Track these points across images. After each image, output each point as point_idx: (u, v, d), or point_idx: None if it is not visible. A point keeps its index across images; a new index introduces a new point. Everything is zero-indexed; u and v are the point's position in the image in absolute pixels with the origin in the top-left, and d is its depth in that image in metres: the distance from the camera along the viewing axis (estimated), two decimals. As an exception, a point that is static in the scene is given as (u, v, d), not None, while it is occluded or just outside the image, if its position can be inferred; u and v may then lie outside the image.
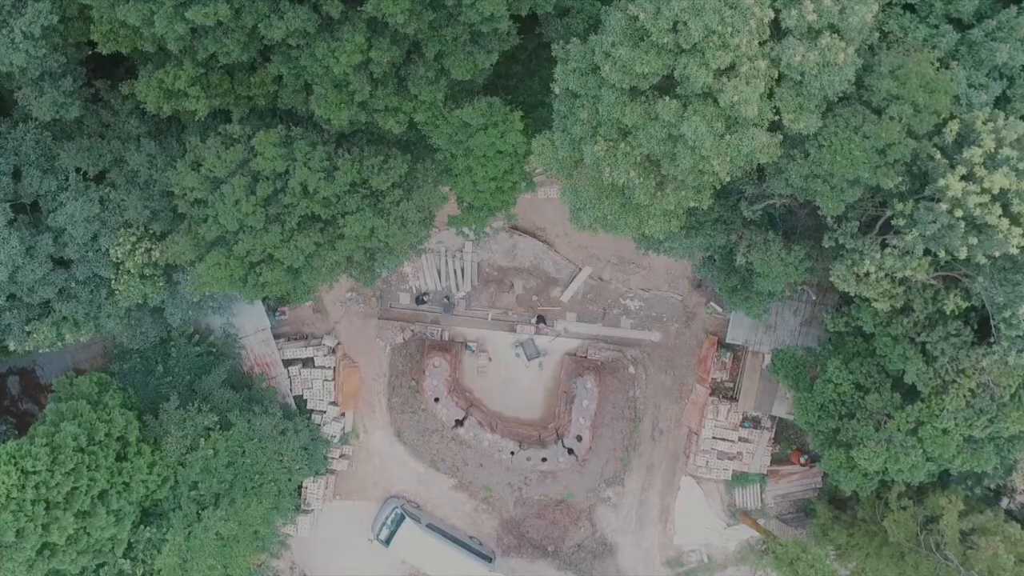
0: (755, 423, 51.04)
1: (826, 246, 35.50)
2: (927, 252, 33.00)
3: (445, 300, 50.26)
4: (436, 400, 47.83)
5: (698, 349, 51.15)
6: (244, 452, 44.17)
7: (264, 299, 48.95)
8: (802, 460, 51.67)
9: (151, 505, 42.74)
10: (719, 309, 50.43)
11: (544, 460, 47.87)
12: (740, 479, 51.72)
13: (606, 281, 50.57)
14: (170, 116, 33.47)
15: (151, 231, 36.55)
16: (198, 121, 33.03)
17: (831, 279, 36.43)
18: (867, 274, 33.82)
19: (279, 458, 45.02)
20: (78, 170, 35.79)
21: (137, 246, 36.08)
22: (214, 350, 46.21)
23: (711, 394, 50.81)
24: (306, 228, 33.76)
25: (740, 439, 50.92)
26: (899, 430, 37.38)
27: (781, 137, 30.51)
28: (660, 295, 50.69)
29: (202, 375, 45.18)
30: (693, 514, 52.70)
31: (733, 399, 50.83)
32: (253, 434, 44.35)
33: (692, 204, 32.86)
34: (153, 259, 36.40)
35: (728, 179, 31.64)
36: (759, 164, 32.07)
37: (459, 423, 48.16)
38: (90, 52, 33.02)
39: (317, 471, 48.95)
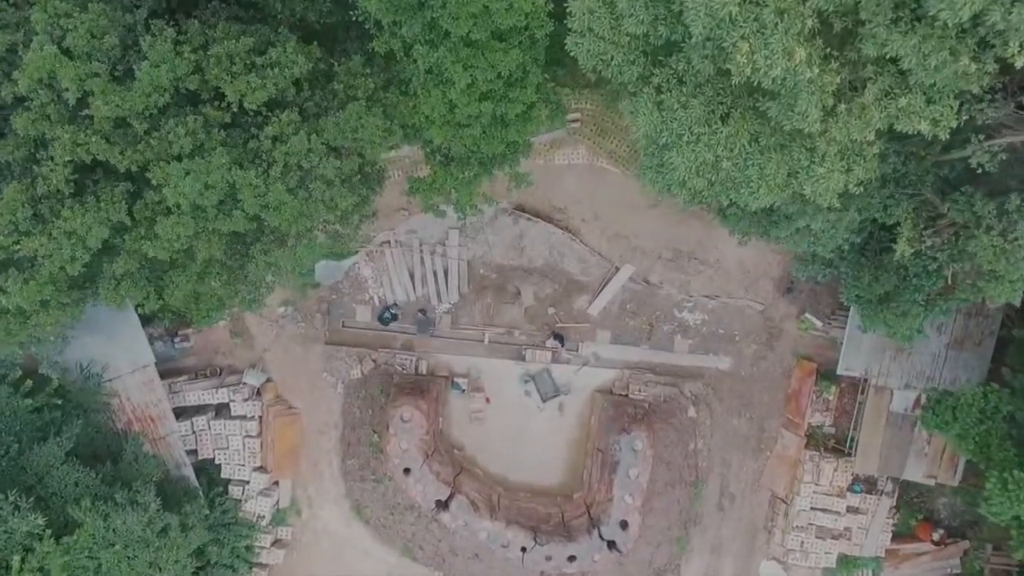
0: (869, 486, 32.00)
1: None
2: None
3: (421, 315, 31.17)
4: (406, 472, 28.48)
5: (786, 380, 32.03)
6: (98, 569, 24.97)
7: (152, 318, 29.79)
8: (935, 536, 32.62)
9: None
10: (818, 323, 31.27)
11: (572, 559, 28.46)
12: (847, 563, 32.58)
13: (655, 285, 31.42)
14: None
15: None
16: None
17: None
18: None
19: (156, 574, 25.78)
20: None
21: None
22: (60, 402, 26.87)
23: (806, 446, 31.82)
24: (87, 192, 14.54)
25: (848, 509, 31.92)
26: None
27: None
28: (732, 304, 31.54)
29: (37, 443, 25.96)
30: (777, 612, 33.68)
31: (838, 451, 31.77)
32: (114, 538, 25.03)
33: (923, 128, 13.78)
34: None
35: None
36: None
37: (442, 505, 28.81)
38: None
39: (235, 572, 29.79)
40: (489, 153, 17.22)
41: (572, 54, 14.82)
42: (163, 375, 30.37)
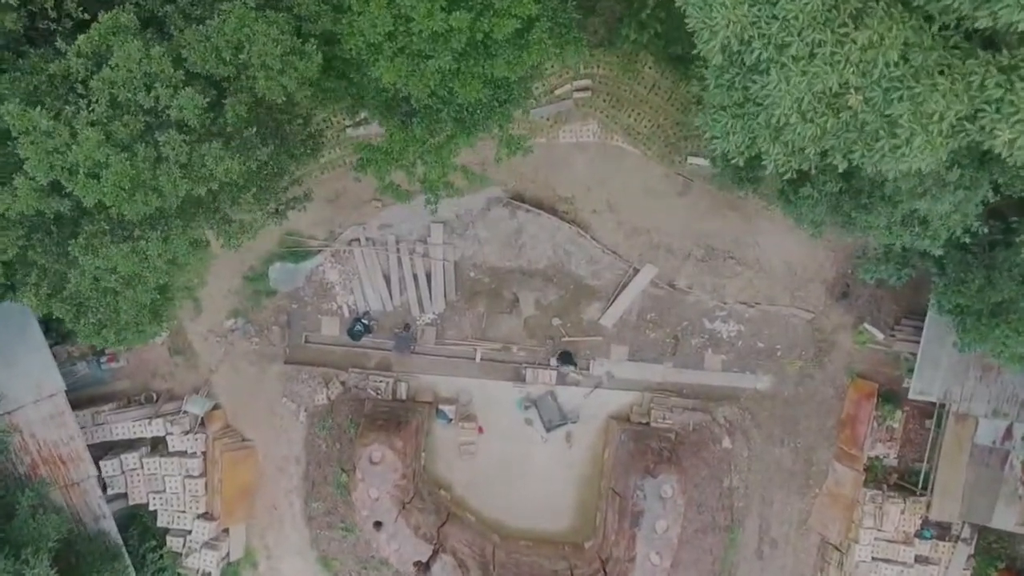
0: (941, 531, 25.58)
1: None
2: None
3: (400, 329, 24.82)
4: (377, 526, 22.01)
5: (839, 404, 25.58)
6: (-27, 663, 18.68)
7: (70, 332, 23.45)
8: (1019, 589, 26.23)
9: None
10: (878, 335, 24.81)
11: (585, 633, 22.18)
12: (912, 622, 26.21)
13: (681, 290, 24.99)
14: None
15: None
16: None
17: None
18: None
19: (53, 667, 19.41)
20: None
21: None
22: (-63, 444, 20.57)
23: (865, 482, 25.42)
24: None
25: (917, 559, 25.49)
26: None
27: None
28: (774, 312, 25.12)
29: (-97, 497, 19.64)
30: (828, 677, 27.24)
31: (903, 488, 25.42)
32: (-5, 623, 18.83)
33: None
34: None
35: None
36: None
37: (423, 567, 22.36)
38: None
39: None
40: (467, 101, 10.86)
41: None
42: (90, 401, 24.17)
